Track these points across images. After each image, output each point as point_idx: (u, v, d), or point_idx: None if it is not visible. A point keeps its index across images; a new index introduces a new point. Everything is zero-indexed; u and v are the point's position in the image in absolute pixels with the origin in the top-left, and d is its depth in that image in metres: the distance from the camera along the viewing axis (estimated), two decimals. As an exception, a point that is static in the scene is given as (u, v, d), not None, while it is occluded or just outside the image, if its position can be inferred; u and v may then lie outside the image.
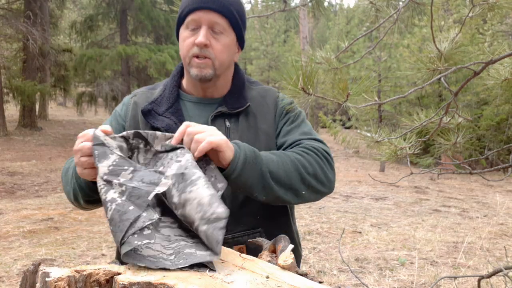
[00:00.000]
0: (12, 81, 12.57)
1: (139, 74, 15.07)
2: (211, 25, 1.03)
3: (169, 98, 1.12)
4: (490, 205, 6.46)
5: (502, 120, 10.84)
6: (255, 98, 1.15)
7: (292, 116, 1.15)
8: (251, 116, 1.12)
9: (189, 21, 1.04)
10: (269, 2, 27.99)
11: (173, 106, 1.10)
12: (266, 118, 1.13)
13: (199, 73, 1.05)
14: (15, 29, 11.87)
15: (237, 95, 1.13)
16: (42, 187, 7.07)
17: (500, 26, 13.15)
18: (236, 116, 1.10)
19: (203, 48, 1.03)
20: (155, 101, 1.11)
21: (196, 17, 1.03)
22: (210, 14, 1.02)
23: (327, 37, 27.87)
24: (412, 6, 1.67)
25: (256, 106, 1.14)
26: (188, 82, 1.14)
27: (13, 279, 2.99)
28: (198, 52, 1.03)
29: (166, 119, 1.07)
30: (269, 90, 1.20)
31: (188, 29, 1.05)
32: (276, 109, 1.16)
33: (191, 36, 1.04)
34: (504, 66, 1.48)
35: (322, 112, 18.04)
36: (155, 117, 1.08)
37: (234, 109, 1.09)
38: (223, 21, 1.04)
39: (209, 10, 1.02)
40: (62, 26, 17.88)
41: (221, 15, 1.04)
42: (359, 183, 8.41)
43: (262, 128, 1.11)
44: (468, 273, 3.28)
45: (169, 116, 1.08)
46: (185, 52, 1.06)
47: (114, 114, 1.18)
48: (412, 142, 1.67)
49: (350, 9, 28.20)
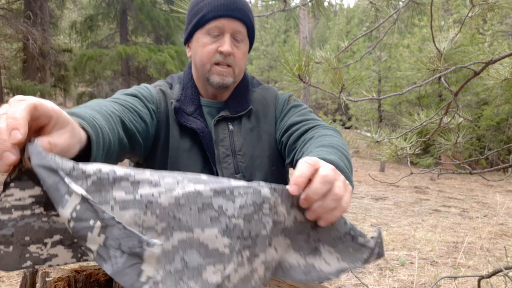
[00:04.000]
0: (12, 81, 12.57)
1: (139, 74, 15.06)
2: (234, 33, 1.04)
3: (193, 99, 1.10)
4: (490, 205, 6.46)
5: (502, 120, 10.84)
6: (258, 99, 1.16)
7: (295, 105, 1.14)
8: (253, 117, 1.12)
9: (212, 28, 1.03)
10: (269, 2, 28.00)
11: (199, 108, 1.09)
12: (268, 117, 1.14)
13: (220, 80, 1.04)
14: (15, 29, 11.86)
15: (239, 98, 1.13)
16: (42, 187, 7.07)
17: (500, 26, 13.15)
18: (239, 119, 1.10)
19: (227, 57, 1.03)
20: (180, 99, 1.08)
21: (220, 24, 1.02)
22: (234, 22, 1.03)
23: (327, 37, 27.85)
24: (412, 6, 1.67)
25: (258, 107, 1.14)
26: (200, 85, 1.13)
27: (13, 279, 2.98)
28: (221, 59, 1.03)
29: (197, 121, 1.06)
30: (269, 90, 1.20)
31: (210, 35, 1.04)
32: (276, 106, 1.16)
33: (212, 43, 1.03)
34: (504, 66, 1.48)
35: (322, 112, 18.04)
36: (184, 117, 1.05)
37: (236, 112, 1.09)
38: (244, 30, 1.05)
39: (234, 18, 1.02)
40: (62, 26, 17.87)
41: (243, 23, 1.05)
42: (359, 183, 8.40)
43: (264, 128, 1.12)
44: (468, 273, 3.28)
45: (199, 118, 1.07)
46: (206, 58, 1.04)
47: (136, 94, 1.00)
48: (412, 142, 1.67)
49: (350, 9, 28.21)
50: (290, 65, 1.17)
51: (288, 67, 1.17)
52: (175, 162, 1.04)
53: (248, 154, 1.08)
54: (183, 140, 1.06)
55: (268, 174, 1.10)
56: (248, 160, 1.07)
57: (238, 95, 1.13)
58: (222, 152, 1.06)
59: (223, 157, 1.05)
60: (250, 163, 1.07)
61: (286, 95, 1.18)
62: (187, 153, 1.05)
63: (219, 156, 1.05)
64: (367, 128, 11.85)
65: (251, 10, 1.08)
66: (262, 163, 1.09)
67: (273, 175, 1.11)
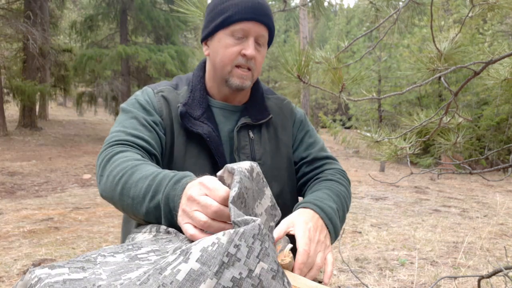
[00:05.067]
0: (12, 81, 12.56)
1: (139, 74, 15.07)
2: (257, 37, 1.03)
3: (201, 102, 1.08)
4: (490, 205, 6.46)
5: (502, 120, 10.83)
6: (274, 109, 1.17)
7: (311, 130, 1.21)
8: (272, 127, 1.14)
9: (237, 29, 1.02)
10: (269, 2, 27.97)
11: (206, 112, 1.07)
12: (286, 130, 1.16)
13: (240, 83, 1.04)
14: (15, 29, 11.86)
15: (258, 105, 1.13)
16: (42, 187, 7.07)
17: (500, 26, 13.15)
18: (259, 127, 1.11)
19: (249, 60, 1.03)
20: (187, 103, 1.05)
21: (246, 27, 1.01)
22: (260, 27, 1.02)
23: (327, 37, 27.86)
24: (412, 6, 1.67)
25: (276, 118, 1.15)
26: (215, 86, 1.11)
27: (13, 279, 2.98)
28: (243, 63, 1.03)
29: (204, 125, 1.04)
30: (284, 101, 1.21)
31: (233, 37, 1.03)
32: (293, 121, 1.19)
33: (236, 45, 1.02)
34: (504, 66, 1.48)
35: (322, 112, 18.04)
36: (191, 121, 1.03)
37: (258, 120, 1.10)
38: (266, 35, 1.06)
39: (260, 23, 1.02)
40: (62, 26, 17.87)
41: (267, 28, 1.05)
42: (359, 183, 8.40)
43: (282, 139, 1.14)
44: (468, 273, 3.28)
45: (206, 122, 1.05)
46: (227, 60, 1.03)
47: (140, 107, 1.04)
48: (412, 142, 1.67)
49: (350, 9, 28.22)
50: (290, 66, 1.17)
51: (288, 67, 1.18)
52: (182, 169, 1.01)
53: (267, 164, 1.08)
54: (191, 146, 1.04)
55: (285, 185, 1.11)
56: (267, 170, 1.06)
57: (257, 102, 1.14)
58: (243, 160, 1.05)
59: None
60: (268, 173, 1.05)
61: (301, 114, 1.23)
62: (194, 158, 1.04)
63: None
64: (367, 128, 11.85)
65: (272, 15, 1.08)
66: (279, 174, 1.10)
67: (289, 186, 1.13)
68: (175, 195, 0.73)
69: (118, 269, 0.59)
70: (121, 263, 0.61)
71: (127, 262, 0.61)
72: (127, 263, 0.61)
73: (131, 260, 0.62)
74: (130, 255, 0.64)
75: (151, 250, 0.66)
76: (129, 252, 0.64)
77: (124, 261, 0.62)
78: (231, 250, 0.50)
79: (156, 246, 0.67)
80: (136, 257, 0.63)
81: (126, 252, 0.64)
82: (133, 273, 0.58)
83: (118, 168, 0.85)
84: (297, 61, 1.16)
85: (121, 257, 0.63)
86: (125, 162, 0.85)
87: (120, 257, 0.63)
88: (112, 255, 0.63)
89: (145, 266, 0.59)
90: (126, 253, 0.64)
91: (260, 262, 0.52)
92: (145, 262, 0.61)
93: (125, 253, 0.64)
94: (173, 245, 0.67)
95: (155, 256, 0.63)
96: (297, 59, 1.16)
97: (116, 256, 0.63)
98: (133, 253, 0.64)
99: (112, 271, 0.58)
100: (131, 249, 0.66)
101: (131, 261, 0.62)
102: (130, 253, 0.64)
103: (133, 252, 0.65)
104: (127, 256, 0.63)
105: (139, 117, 1.00)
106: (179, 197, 0.71)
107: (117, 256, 0.63)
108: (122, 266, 0.60)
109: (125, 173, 0.83)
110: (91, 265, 0.59)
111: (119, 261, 0.61)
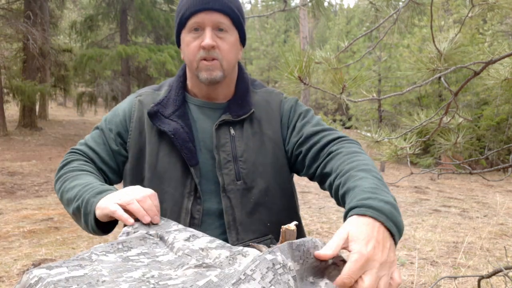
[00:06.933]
0: (12, 81, 12.55)
1: (139, 74, 15.06)
2: (215, 25, 1.01)
3: (175, 100, 1.08)
4: (490, 205, 6.46)
5: (502, 120, 10.84)
6: (259, 103, 1.12)
7: (304, 111, 1.11)
8: (256, 122, 1.09)
9: (192, 24, 1.01)
10: (269, 2, 27.99)
11: (179, 109, 1.08)
12: (272, 124, 1.10)
13: (208, 76, 1.02)
14: (15, 29, 11.86)
15: (241, 101, 1.10)
16: (42, 187, 7.07)
17: (500, 26, 13.15)
18: (241, 123, 1.07)
19: (210, 50, 1.00)
20: (160, 103, 1.08)
21: (199, 19, 1.00)
22: (213, 14, 1.00)
23: (327, 37, 27.84)
24: (412, 6, 1.67)
25: (261, 112, 1.10)
26: (193, 84, 1.12)
27: (13, 279, 2.98)
28: (205, 54, 1.01)
29: (172, 122, 1.04)
30: (272, 93, 1.16)
31: (191, 33, 1.02)
32: (281, 113, 1.12)
33: (195, 39, 1.02)
34: (504, 66, 1.48)
35: (322, 112, 18.04)
36: (161, 120, 1.05)
37: (238, 116, 1.06)
38: (226, 20, 1.02)
39: (212, 10, 1.00)
40: (62, 26, 17.87)
41: (224, 14, 1.01)
42: (359, 183, 8.40)
43: (267, 134, 1.08)
44: (468, 273, 3.28)
45: (175, 119, 1.05)
46: (191, 56, 1.03)
47: (115, 112, 1.13)
48: (412, 142, 1.67)
49: (350, 9, 28.21)
50: (291, 67, 1.16)
51: (288, 69, 1.16)
52: (155, 167, 1.04)
53: (250, 161, 1.04)
54: (163, 144, 1.05)
55: (270, 182, 1.06)
56: (250, 167, 1.04)
57: (239, 98, 1.10)
58: (223, 157, 1.03)
59: (224, 162, 1.03)
60: (252, 170, 1.04)
61: (291, 101, 1.14)
62: (167, 157, 1.04)
63: (220, 161, 1.03)
64: (367, 128, 11.84)
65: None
66: (264, 171, 1.05)
67: (276, 182, 1.07)
68: (93, 202, 0.90)
69: (116, 267, 0.65)
70: (116, 263, 0.67)
71: (121, 262, 0.68)
72: (122, 263, 0.68)
73: (124, 260, 0.69)
74: (122, 255, 0.71)
75: (141, 252, 0.74)
76: (121, 253, 0.72)
77: (117, 261, 0.68)
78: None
79: (145, 248, 0.75)
80: (128, 259, 0.70)
81: (117, 252, 0.72)
82: (133, 272, 0.64)
83: (65, 175, 1.04)
84: (297, 62, 1.15)
85: (113, 257, 0.70)
86: (72, 171, 1.04)
87: (113, 257, 0.70)
88: (104, 254, 0.70)
89: (142, 268, 0.66)
90: (117, 253, 0.72)
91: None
92: (139, 263, 0.68)
93: (116, 254, 0.72)
94: (161, 250, 0.76)
95: (147, 259, 0.71)
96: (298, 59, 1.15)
97: (108, 255, 0.70)
98: (124, 254, 0.72)
99: (111, 269, 0.64)
100: (121, 249, 0.73)
101: (124, 261, 0.69)
102: (121, 254, 0.72)
103: (124, 253, 0.72)
104: (119, 256, 0.71)
105: (105, 129, 1.11)
106: (96, 203, 0.89)
107: (109, 255, 0.70)
108: (118, 265, 0.66)
109: (67, 180, 1.02)
110: (87, 263, 0.65)
111: (113, 260, 0.68)
